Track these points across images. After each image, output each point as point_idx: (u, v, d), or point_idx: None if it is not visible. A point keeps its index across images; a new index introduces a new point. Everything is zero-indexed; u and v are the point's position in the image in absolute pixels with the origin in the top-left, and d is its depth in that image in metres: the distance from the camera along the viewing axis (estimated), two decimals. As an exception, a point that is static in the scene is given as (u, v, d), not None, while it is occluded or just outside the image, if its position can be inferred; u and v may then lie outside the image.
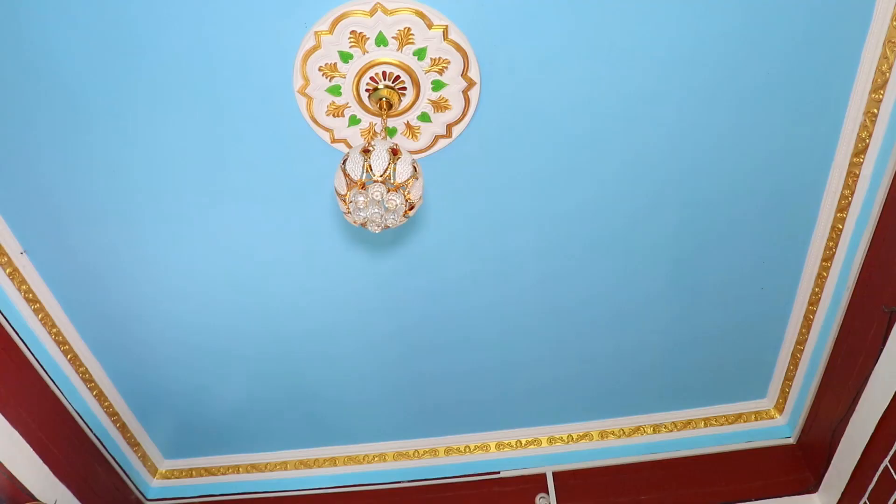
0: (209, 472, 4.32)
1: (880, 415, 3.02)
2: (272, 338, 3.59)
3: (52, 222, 3.06)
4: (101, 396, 3.76)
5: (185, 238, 3.13)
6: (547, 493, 3.97)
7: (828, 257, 3.20)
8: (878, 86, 2.59)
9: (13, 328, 3.23)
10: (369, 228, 2.30)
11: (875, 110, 2.64)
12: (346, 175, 2.26)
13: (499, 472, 4.12)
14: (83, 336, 3.55)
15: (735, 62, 2.57)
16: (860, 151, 2.79)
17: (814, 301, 3.38)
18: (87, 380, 3.66)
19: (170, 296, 3.38)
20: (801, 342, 3.59)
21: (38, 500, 3.26)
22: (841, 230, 3.07)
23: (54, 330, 3.42)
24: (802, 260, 3.31)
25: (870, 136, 2.71)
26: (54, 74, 2.54)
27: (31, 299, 3.27)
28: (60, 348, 3.47)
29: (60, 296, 3.37)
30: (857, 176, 2.86)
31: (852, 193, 2.93)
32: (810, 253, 3.27)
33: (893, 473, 3.00)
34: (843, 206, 2.99)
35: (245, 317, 3.48)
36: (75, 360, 3.56)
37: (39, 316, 3.33)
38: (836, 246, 3.13)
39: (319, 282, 3.33)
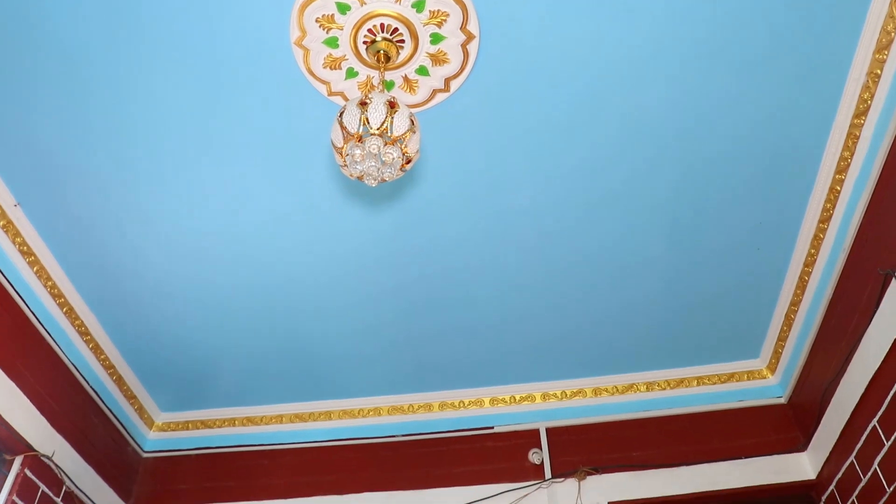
0: (205, 424, 4.36)
1: (871, 376, 3.04)
2: (268, 292, 3.59)
3: (47, 175, 3.04)
4: (97, 350, 3.77)
5: (180, 192, 3.11)
6: (540, 448, 4.02)
7: (825, 219, 3.20)
8: (883, 46, 2.55)
9: (8, 281, 3.22)
10: (366, 182, 2.29)
11: (878, 71, 2.61)
12: (343, 128, 2.24)
13: (492, 428, 4.16)
14: (79, 289, 3.55)
15: (737, 21, 2.53)
16: (861, 113, 2.76)
17: (809, 262, 3.39)
18: (83, 333, 3.66)
19: (165, 250, 3.37)
20: (795, 303, 3.60)
21: (36, 451, 3.29)
22: (839, 192, 3.06)
23: (49, 283, 3.41)
24: (799, 221, 3.30)
25: (872, 97, 2.69)
26: (49, 28, 2.50)
27: (26, 252, 3.26)
28: (56, 301, 3.47)
29: (55, 249, 3.35)
30: (858, 137, 2.84)
31: (852, 155, 2.91)
32: (807, 214, 3.26)
33: (881, 433, 3.04)
34: (842, 168, 2.98)
35: (241, 271, 3.48)
36: (71, 314, 3.57)
37: (34, 269, 3.32)
38: (834, 207, 3.13)
39: (316, 236, 3.32)
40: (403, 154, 2.29)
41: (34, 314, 3.37)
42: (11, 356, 3.21)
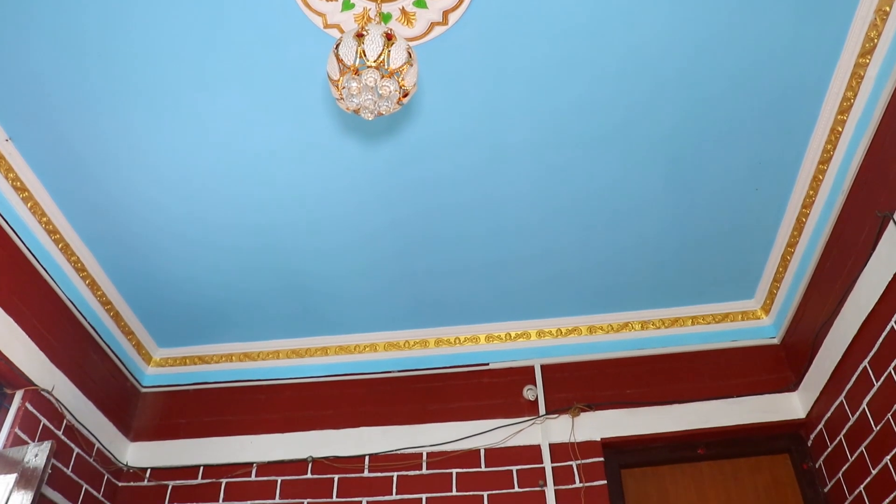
0: (203, 360, 4.40)
1: (864, 317, 3.07)
2: (264, 229, 3.58)
3: (40, 109, 2.99)
4: (93, 286, 3.77)
5: (175, 127, 3.07)
6: (534, 384, 4.07)
7: (825, 160, 3.17)
8: (892, -18, 2.50)
9: (2, 217, 3.20)
10: (362, 115, 2.27)
11: (887, 8, 2.56)
12: (339, 60, 2.21)
13: (488, 364, 4.20)
14: (74, 225, 3.53)
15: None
16: (867, 52, 2.72)
17: (807, 204, 3.38)
18: (80, 269, 3.66)
19: (160, 185, 3.34)
20: (791, 244, 3.60)
21: (36, 385, 3.32)
22: (840, 133, 3.04)
23: (44, 219, 3.39)
24: (799, 162, 3.28)
25: (879, 35, 2.63)
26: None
27: (19, 187, 3.23)
28: (51, 237, 3.46)
29: (49, 185, 3.33)
30: (862, 77, 2.80)
31: (855, 95, 2.88)
32: (807, 155, 3.23)
33: (871, 374, 3.08)
34: (844, 108, 2.95)
35: (237, 207, 3.46)
36: (67, 249, 3.56)
37: (28, 205, 3.30)
38: (834, 149, 3.10)
39: (312, 172, 3.29)
40: (400, 87, 2.26)
41: (30, 250, 3.36)
42: (8, 292, 3.21)
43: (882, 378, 2.99)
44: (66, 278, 3.61)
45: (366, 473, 3.89)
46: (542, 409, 3.97)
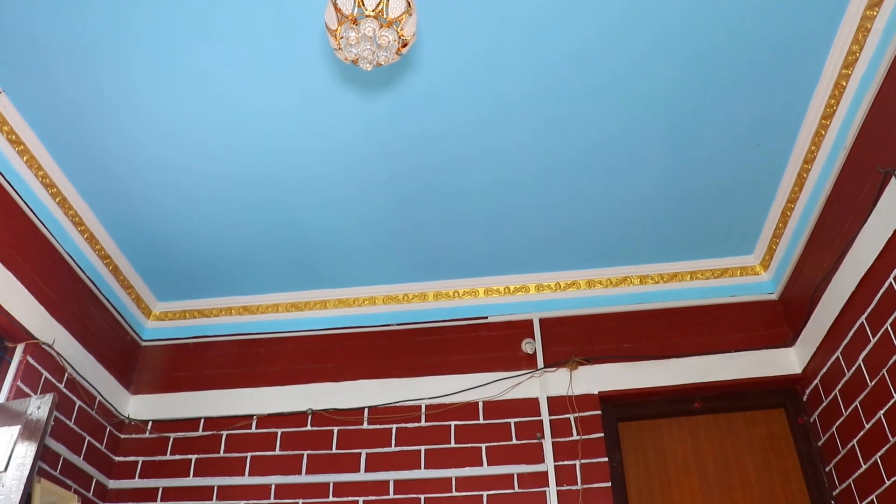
0: (202, 314, 4.41)
1: (863, 273, 3.07)
2: (263, 182, 3.56)
3: (35, 60, 2.95)
4: (91, 240, 3.76)
5: (173, 79, 3.03)
6: (533, 338, 4.09)
7: (828, 115, 3.14)
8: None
9: (-2, 170, 3.19)
10: (361, 66, 2.25)
11: (895, -40, 2.51)
12: (337, 9, 2.17)
13: (486, 318, 4.22)
14: (71, 179, 3.51)
15: None
16: (874, 4, 2.67)
17: (809, 159, 3.35)
18: (78, 223, 3.65)
19: (158, 138, 3.31)
20: (792, 200, 3.59)
21: (37, 339, 3.34)
22: (844, 87, 3.00)
23: (41, 173, 3.37)
24: (802, 117, 3.25)
25: (887, -14, 2.59)
26: None
27: (15, 141, 3.20)
28: (48, 191, 3.44)
29: (45, 138, 3.30)
30: (869, 30, 2.75)
31: (861, 49, 2.84)
32: (810, 110, 3.20)
33: (868, 330, 3.09)
34: (849, 62, 2.91)
35: (235, 160, 3.43)
36: (64, 204, 3.54)
37: (24, 158, 3.27)
38: (838, 104, 3.07)
39: (311, 125, 3.25)
40: (399, 37, 2.23)
41: (27, 204, 3.35)
42: (6, 246, 3.21)
43: (878, 334, 3.01)
44: (64, 233, 3.60)
45: (365, 425, 3.93)
46: (540, 362, 4.00)
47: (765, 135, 3.34)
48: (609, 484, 3.61)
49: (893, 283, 2.86)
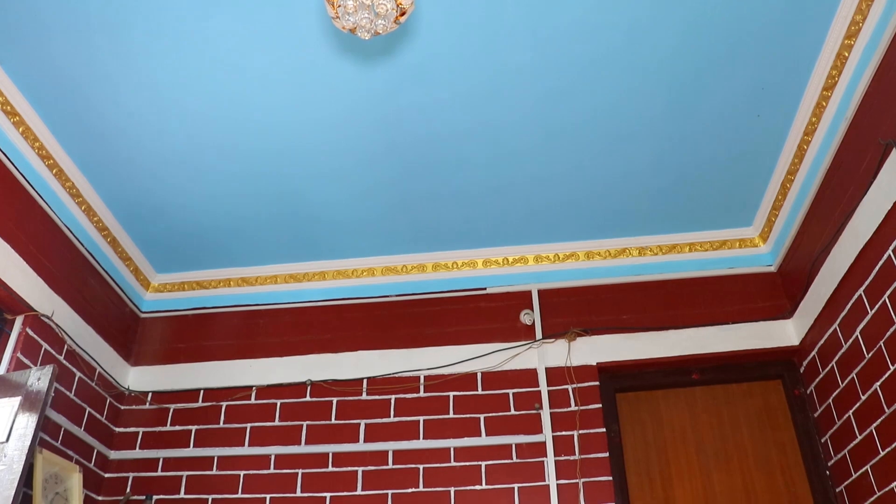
0: (201, 285, 4.41)
1: (861, 246, 3.07)
2: (261, 153, 3.54)
3: (30, 29, 2.91)
4: (89, 211, 3.75)
5: (170, 49, 3.00)
6: (531, 309, 4.09)
7: (829, 86, 3.12)
8: None
9: (-8, 140, 3.17)
10: (358, 35, 2.24)
11: (899, -72, 2.47)
12: (335, -24, 2.15)
13: (485, 289, 4.22)
14: (68, 150, 3.50)
15: None
16: (878, -26, 2.65)
17: (810, 131, 3.33)
18: (75, 195, 3.64)
19: (156, 109, 3.29)
20: (792, 172, 3.57)
21: (36, 311, 3.34)
22: (847, 58, 2.97)
23: (37, 144, 3.35)
24: (803, 88, 3.23)
25: (891, -44, 2.56)
26: None
27: (10, 112, 3.18)
28: (45, 163, 3.43)
29: (41, 109, 3.28)
30: (872, 0, 2.72)
31: (864, 18, 2.81)
32: (812, 81, 3.18)
33: (866, 302, 3.09)
34: (852, 32, 2.88)
35: (233, 131, 3.41)
36: (61, 175, 3.52)
37: (20, 129, 3.25)
38: (840, 74, 3.04)
39: (309, 95, 3.23)
40: (397, 5, 2.21)
41: (23, 176, 3.33)
42: (3, 217, 3.20)
43: (876, 306, 3.01)
44: (61, 204, 3.59)
45: (364, 396, 3.95)
46: (538, 333, 4.01)
47: (765, 106, 3.32)
48: (607, 454, 3.64)
49: (892, 255, 2.86)
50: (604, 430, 3.71)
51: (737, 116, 3.37)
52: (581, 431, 3.70)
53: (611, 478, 3.58)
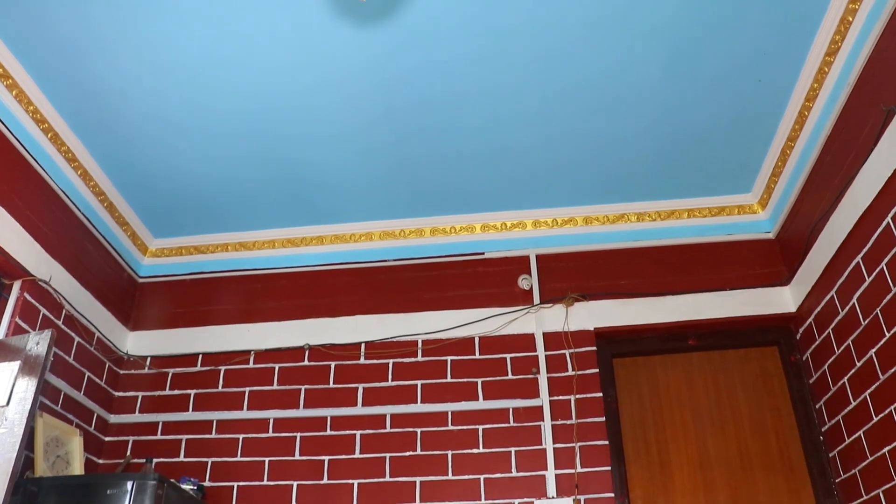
0: (199, 250, 4.41)
1: (860, 213, 3.06)
2: (258, 116, 3.51)
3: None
4: (85, 176, 3.73)
5: (168, 9, 2.95)
6: (529, 274, 4.10)
7: (832, 52, 3.09)
8: None
9: (-14, 105, 3.13)
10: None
11: None
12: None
13: (483, 254, 4.22)
14: (62, 114, 3.46)
15: None
16: (884, -62, 2.60)
17: (811, 97, 3.31)
18: (71, 159, 3.61)
19: (152, 71, 3.25)
20: (792, 139, 3.55)
21: (33, 276, 3.34)
22: (850, 23, 2.94)
23: (31, 108, 3.32)
24: (805, 53, 3.20)
25: (897, -81, 2.51)
26: None
27: (2, 75, 3.14)
28: (40, 126, 3.40)
29: (35, 71, 3.24)
30: (877, -35, 2.69)
31: (869, -18, 2.78)
32: (814, 46, 3.15)
33: (863, 269, 3.09)
34: (856, -4, 2.85)
35: (230, 94, 3.38)
36: (56, 139, 3.50)
37: (13, 92, 3.22)
38: (843, 40, 3.01)
39: (307, 58, 3.19)
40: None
41: (18, 140, 3.30)
42: (-1, 183, 3.18)
43: (874, 274, 3.01)
44: (57, 169, 3.56)
45: (362, 360, 3.97)
46: (536, 298, 4.02)
47: (766, 71, 3.29)
48: (603, 419, 3.67)
49: (891, 222, 2.85)
50: (600, 394, 3.74)
51: (738, 81, 3.34)
52: (578, 396, 3.73)
53: (607, 442, 3.61)
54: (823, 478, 3.51)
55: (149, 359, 4.10)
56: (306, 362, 3.99)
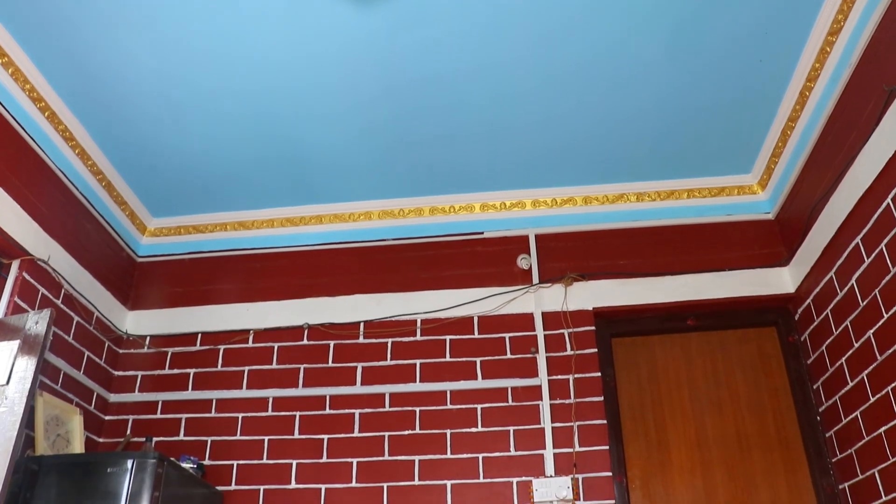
0: (197, 229, 4.39)
1: (861, 194, 3.05)
2: (257, 95, 3.48)
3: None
4: (83, 155, 3.71)
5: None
6: (528, 254, 4.10)
7: (834, 31, 3.06)
8: None
9: (-20, 83, 3.11)
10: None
11: None
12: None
13: (482, 233, 4.22)
14: (59, 92, 3.44)
15: None
16: (888, -85, 2.57)
17: (812, 77, 3.29)
18: (68, 138, 3.59)
19: (151, 48, 3.22)
20: (793, 119, 3.54)
21: (31, 255, 3.33)
22: (853, 2, 2.92)
23: (27, 86, 3.29)
24: (807, 32, 3.17)
25: None
26: None
27: (-1, 53, 3.12)
28: (36, 105, 3.37)
29: (30, 49, 3.21)
30: (882, -60, 2.67)
31: (872, -39, 2.75)
32: (816, 25, 3.12)
33: (863, 250, 3.09)
34: (859, -24, 2.82)
35: (229, 72, 3.35)
36: (53, 118, 3.48)
37: (9, 70, 3.19)
38: (846, 19, 2.99)
39: (305, 35, 3.16)
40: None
41: (14, 118, 3.28)
42: (-5, 162, 3.17)
43: (873, 254, 3.01)
44: (54, 147, 3.54)
45: (361, 340, 3.98)
46: (535, 277, 4.02)
47: (768, 51, 3.27)
48: (601, 398, 3.68)
49: (891, 203, 2.85)
50: (599, 374, 3.75)
51: (739, 61, 3.32)
52: (576, 375, 3.74)
53: (605, 421, 3.63)
54: (820, 457, 3.54)
55: (148, 338, 4.10)
56: (305, 341, 4.00)
